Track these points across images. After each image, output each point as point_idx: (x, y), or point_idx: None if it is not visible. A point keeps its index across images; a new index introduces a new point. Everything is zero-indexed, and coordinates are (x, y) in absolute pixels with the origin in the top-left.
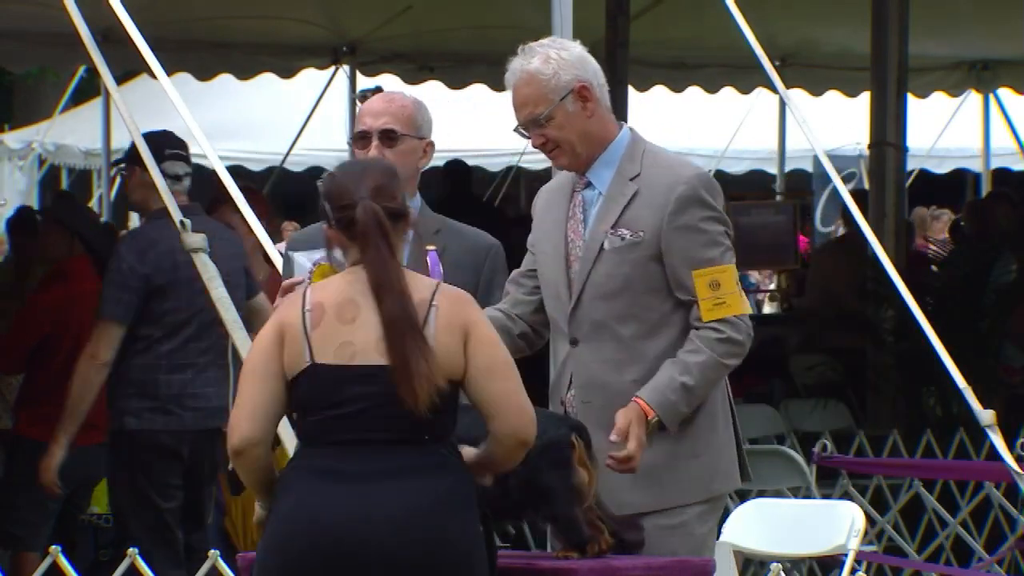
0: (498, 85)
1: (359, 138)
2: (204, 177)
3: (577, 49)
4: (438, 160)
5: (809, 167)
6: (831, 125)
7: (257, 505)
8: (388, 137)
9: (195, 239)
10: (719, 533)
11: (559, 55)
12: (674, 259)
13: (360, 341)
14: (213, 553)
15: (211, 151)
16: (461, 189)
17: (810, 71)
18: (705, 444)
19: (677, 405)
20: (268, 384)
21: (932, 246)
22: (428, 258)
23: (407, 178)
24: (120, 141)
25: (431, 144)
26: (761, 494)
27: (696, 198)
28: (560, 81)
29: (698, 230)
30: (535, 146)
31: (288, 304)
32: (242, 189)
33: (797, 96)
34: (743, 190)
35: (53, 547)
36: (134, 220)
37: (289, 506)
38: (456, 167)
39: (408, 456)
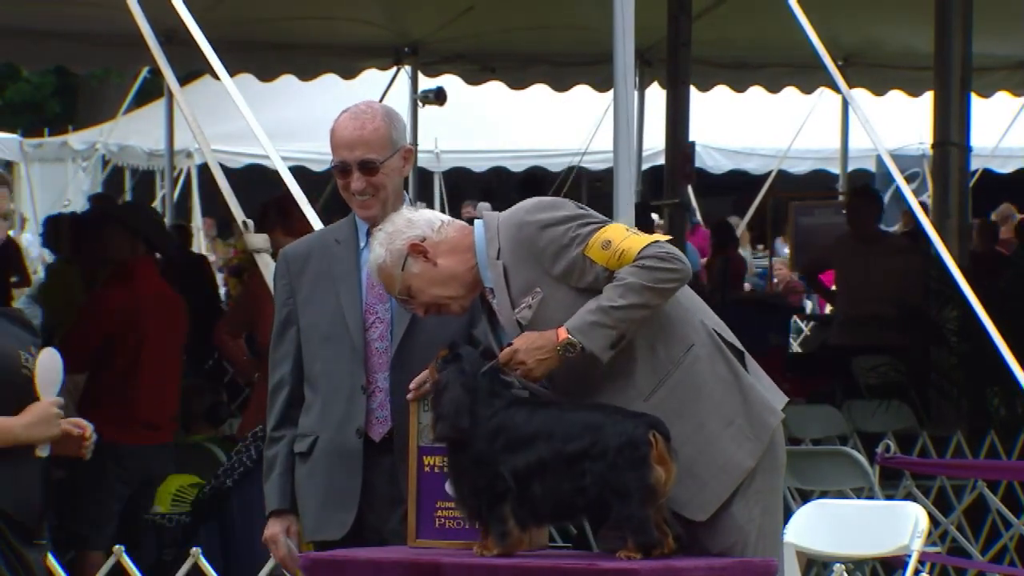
0: (560, 85)
1: (339, 169)
2: (266, 177)
3: (403, 216)
4: (508, 162)
5: (872, 167)
6: (894, 125)
7: None
8: (368, 168)
9: (257, 240)
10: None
11: (386, 234)
12: (574, 272)
13: None
14: None
15: (273, 151)
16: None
17: (873, 70)
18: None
19: (597, 325)
20: None
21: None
22: None
23: (396, 190)
24: (183, 142)
25: (409, 150)
26: (824, 495)
27: (534, 229)
28: (394, 256)
29: (562, 245)
30: (423, 316)
31: None
32: (283, 198)
33: (860, 96)
34: (805, 190)
35: (117, 547)
36: (197, 219)
37: None
38: (532, 179)
39: None
